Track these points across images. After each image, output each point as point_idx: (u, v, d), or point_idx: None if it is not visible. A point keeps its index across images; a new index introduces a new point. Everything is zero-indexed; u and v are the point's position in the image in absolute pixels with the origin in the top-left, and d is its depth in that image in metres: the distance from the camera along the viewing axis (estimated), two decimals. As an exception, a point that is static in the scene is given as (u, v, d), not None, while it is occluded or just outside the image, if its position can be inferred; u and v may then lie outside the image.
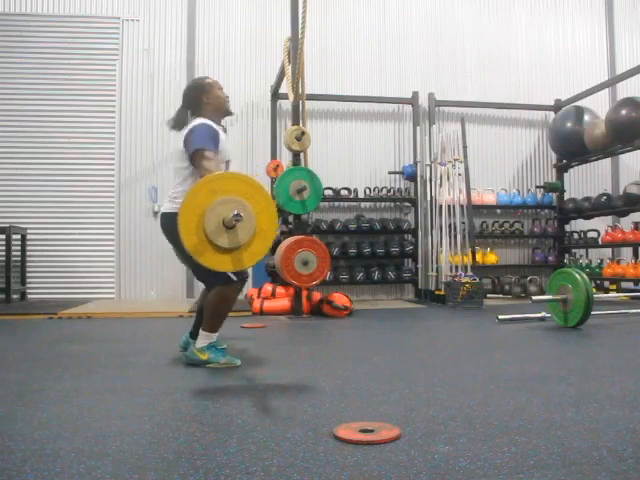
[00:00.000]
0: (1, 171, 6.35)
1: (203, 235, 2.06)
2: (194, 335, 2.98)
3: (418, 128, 6.83)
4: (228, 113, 2.89)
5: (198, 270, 2.64)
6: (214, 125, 2.70)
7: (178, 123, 2.80)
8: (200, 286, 6.65)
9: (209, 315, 2.63)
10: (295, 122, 4.88)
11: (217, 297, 2.59)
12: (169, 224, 2.60)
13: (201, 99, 2.76)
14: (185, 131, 2.69)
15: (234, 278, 2.57)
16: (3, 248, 5.91)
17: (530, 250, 7.20)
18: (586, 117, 6.45)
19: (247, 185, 2.16)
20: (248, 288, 5.78)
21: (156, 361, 2.83)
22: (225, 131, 2.85)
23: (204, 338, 2.63)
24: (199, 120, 2.68)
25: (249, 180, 2.20)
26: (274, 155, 6.44)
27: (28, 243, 6.28)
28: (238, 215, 2.02)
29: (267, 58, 6.64)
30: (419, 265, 6.49)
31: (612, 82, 6.83)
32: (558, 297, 3.86)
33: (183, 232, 2.06)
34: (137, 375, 2.48)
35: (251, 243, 2.12)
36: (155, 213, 6.54)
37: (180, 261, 2.87)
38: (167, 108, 6.59)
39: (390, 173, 6.84)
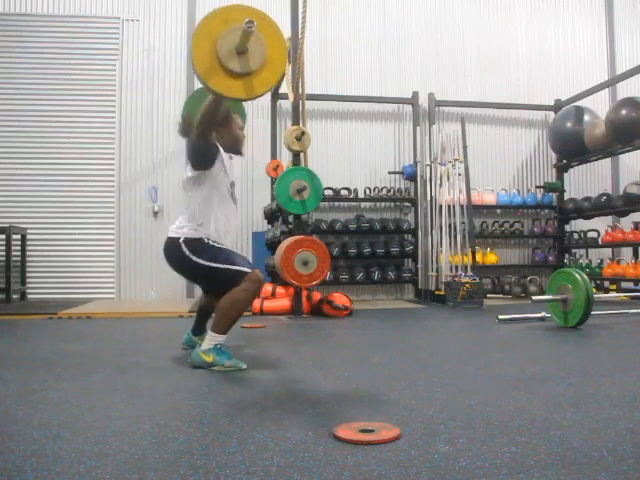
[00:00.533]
0: (1, 171, 6.35)
1: (215, 59, 2.05)
2: (196, 332, 2.99)
3: (418, 128, 6.83)
4: (238, 153, 2.86)
5: (215, 280, 2.64)
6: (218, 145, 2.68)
7: (185, 132, 2.71)
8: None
9: (220, 316, 2.56)
10: (295, 122, 4.88)
11: (231, 300, 2.54)
12: (170, 249, 2.71)
13: (219, 131, 2.71)
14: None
15: (247, 270, 2.55)
16: (3, 248, 5.91)
17: (530, 250, 7.21)
18: (586, 117, 6.46)
19: (259, 18, 2.12)
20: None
21: (156, 361, 2.82)
22: (231, 158, 2.83)
23: (211, 339, 2.57)
24: None
25: (261, 13, 2.17)
26: (274, 155, 6.44)
27: (28, 243, 6.28)
28: (250, 22, 1.98)
29: (267, 58, 6.63)
30: (419, 265, 6.49)
31: (612, 82, 6.83)
32: (558, 297, 3.86)
33: (195, 56, 2.04)
34: (137, 375, 2.48)
35: (262, 71, 2.11)
36: (155, 213, 6.55)
37: (189, 280, 2.86)
38: (167, 108, 6.61)
39: (390, 173, 6.84)
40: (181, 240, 2.65)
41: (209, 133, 2.51)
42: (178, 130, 2.77)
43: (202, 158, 2.60)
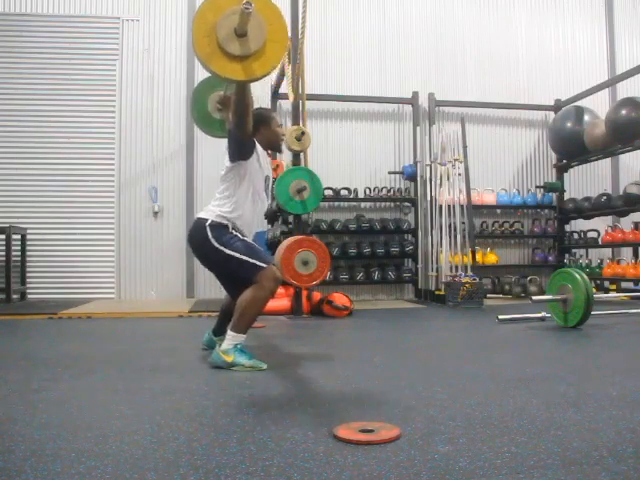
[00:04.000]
0: (1, 171, 6.35)
1: (215, 42, 2.06)
2: (217, 332, 2.99)
3: (418, 128, 6.83)
4: (278, 150, 2.98)
5: (229, 269, 2.67)
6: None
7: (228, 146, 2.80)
8: (200, 286, 6.67)
9: (239, 316, 2.58)
10: (295, 122, 4.88)
11: (249, 299, 2.56)
12: (195, 230, 2.70)
13: (258, 129, 2.78)
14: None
15: (263, 264, 2.58)
16: (3, 248, 5.91)
17: (530, 250, 7.21)
18: (586, 117, 6.45)
19: (260, 2, 2.13)
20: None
21: (156, 361, 2.83)
22: (269, 155, 2.93)
23: (231, 339, 2.58)
24: None
25: None
26: (274, 155, 6.43)
27: (28, 243, 6.28)
28: (248, 3, 1.98)
29: (267, 58, 6.64)
30: (419, 265, 6.49)
31: (612, 82, 6.83)
32: (558, 297, 3.86)
33: (195, 39, 2.06)
34: (137, 375, 2.48)
35: (262, 53, 2.12)
36: (155, 213, 6.55)
37: (206, 266, 2.88)
38: (167, 108, 6.61)
39: (390, 173, 6.84)
40: (207, 223, 2.66)
41: (246, 121, 2.53)
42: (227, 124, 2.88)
43: (240, 149, 2.65)
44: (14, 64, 6.40)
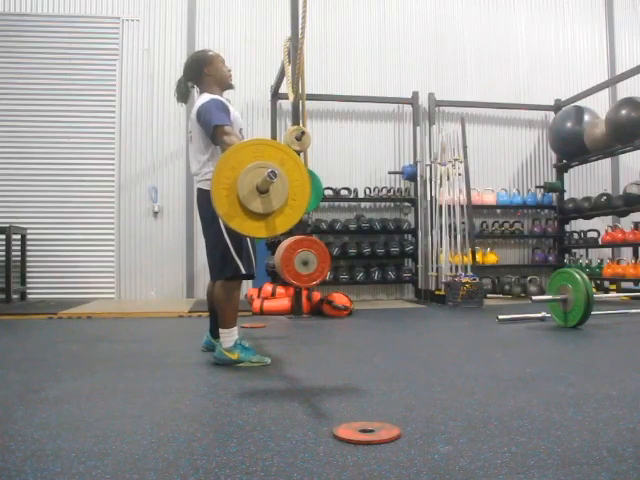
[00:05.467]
0: (1, 171, 6.35)
1: (236, 200, 2.01)
2: (214, 334, 2.99)
3: (418, 128, 6.83)
4: (230, 86, 2.91)
5: (213, 256, 2.70)
6: (222, 98, 2.73)
7: (181, 94, 2.87)
8: (200, 286, 6.66)
9: (221, 312, 2.65)
10: (295, 122, 4.87)
11: (222, 292, 2.63)
12: (204, 200, 2.65)
13: (202, 71, 2.78)
14: (195, 109, 2.70)
15: (242, 271, 2.61)
16: (3, 248, 5.91)
17: (530, 250, 7.21)
18: (586, 117, 6.45)
19: (282, 152, 2.10)
20: (248, 288, 5.79)
21: (156, 361, 2.83)
22: (229, 102, 2.85)
23: (226, 336, 2.63)
24: (207, 96, 2.70)
25: (284, 148, 2.15)
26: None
27: (28, 243, 6.28)
28: (272, 173, 1.95)
29: (267, 58, 6.65)
30: (419, 265, 6.49)
31: (612, 82, 6.83)
32: (558, 297, 3.86)
33: (215, 194, 2.01)
34: (137, 375, 2.48)
35: (283, 210, 2.08)
36: (155, 213, 6.55)
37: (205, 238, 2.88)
38: (167, 108, 6.61)
39: (390, 173, 6.84)
40: None
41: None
42: (175, 98, 2.92)
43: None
44: (14, 64, 6.39)
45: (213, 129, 2.55)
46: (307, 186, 2.14)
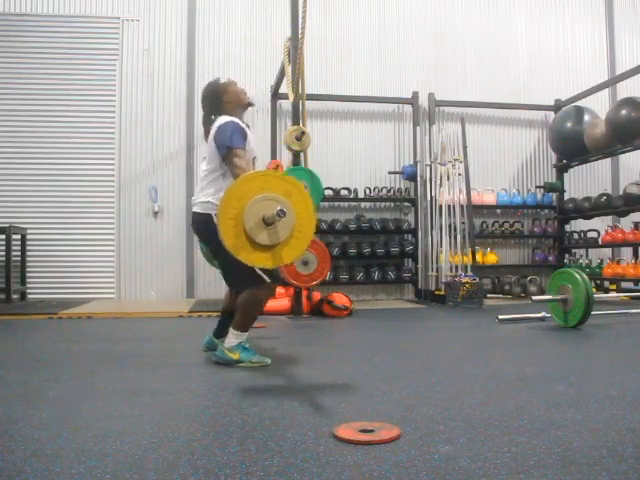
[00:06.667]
0: (1, 171, 6.35)
1: (242, 232, 2.05)
2: (218, 335, 3.00)
3: (418, 128, 6.83)
4: (249, 105, 2.91)
5: (230, 273, 2.69)
6: (240, 122, 2.73)
7: (208, 130, 2.82)
8: (200, 286, 6.66)
9: (240, 315, 2.63)
10: (295, 122, 4.87)
11: (249, 298, 2.60)
12: (202, 224, 2.67)
13: (221, 100, 2.80)
14: (212, 130, 2.71)
15: (266, 279, 2.59)
16: (3, 248, 5.91)
17: (530, 250, 7.21)
18: (586, 117, 6.45)
19: (289, 184, 2.14)
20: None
21: (156, 361, 2.83)
22: (249, 127, 2.85)
23: (234, 337, 2.63)
24: (225, 118, 2.71)
25: (291, 180, 2.19)
26: (274, 155, 6.44)
27: (28, 243, 6.28)
28: (282, 211, 1.99)
29: (267, 58, 6.64)
30: (419, 265, 6.49)
31: (612, 82, 6.83)
32: (558, 297, 3.86)
33: (222, 228, 2.04)
34: (137, 375, 2.48)
35: (289, 241, 2.12)
36: (155, 213, 6.55)
37: (208, 262, 2.89)
38: (167, 108, 6.61)
39: (390, 173, 6.84)
40: (213, 214, 2.61)
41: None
42: (204, 137, 2.87)
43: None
44: (14, 64, 6.39)
45: (227, 150, 2.57)
46: (312, 219, 2.18)
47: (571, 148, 6.59)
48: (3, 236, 5.88)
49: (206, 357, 2.87)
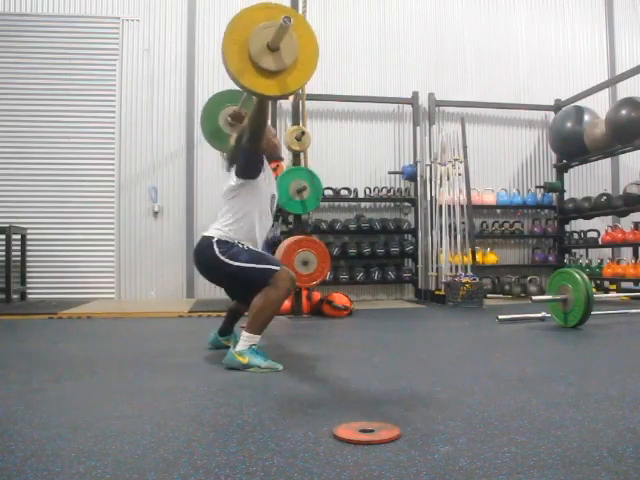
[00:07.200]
0: (1, 171, 6.35)
1: (247, 56, 2.03)
2: (222, 332, 3.00)
3: (418, 128, 6.83)
4: (279, 159, 2.99)
5: (242, 281, 2.64)
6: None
7: (232, 162, 2.79)
8: (200, 286, 6.66)
9: (254, 317, 2.55)
10: (295, 122, 4.88)
11: (265, 299, 2.54)
12: (201, 248, 2.68)
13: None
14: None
15: (276, 267, 2.57)
16: (3, 248, 5.91)
17: (530, 250, 7.21)
18: (586, 117, 6.45)
19: (291, 12, 2.16)
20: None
21: (156, 361, 2.82)
22: (273, 170, 2.92)
23: (246, 340, 2.55)
24: None
25: (292, 11, 2.20)
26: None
27: (28, 243, 6.28)
28: (288, 17, 1.96)
29: (267, 58, 6.64)
30: (419, 265, 6.49)
31: (612, 82, 6.83)
32: (558, 297, 3.86)
33: (226, 52, 2.02)
34: (137, 375, 2.48)
35: (294, 68, 2.09)
36: (155, 213, 6.55)
37: (215, 284, 2.90)
38: (167, 108, 6.61)
39: (390, 173, 6.84)
40: (214, 239, 2.65)
41: (261, 137, 2.54)
42: (224, 164, 2.86)
43: (251, 166, 2.65)
44: (14, 64, 6.39)
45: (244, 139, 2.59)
46: (315, 47, 2.18)
47: (571, 148, 6.59)
48: (3, 236, 5.88)
49: (206, 357, 2.87)
